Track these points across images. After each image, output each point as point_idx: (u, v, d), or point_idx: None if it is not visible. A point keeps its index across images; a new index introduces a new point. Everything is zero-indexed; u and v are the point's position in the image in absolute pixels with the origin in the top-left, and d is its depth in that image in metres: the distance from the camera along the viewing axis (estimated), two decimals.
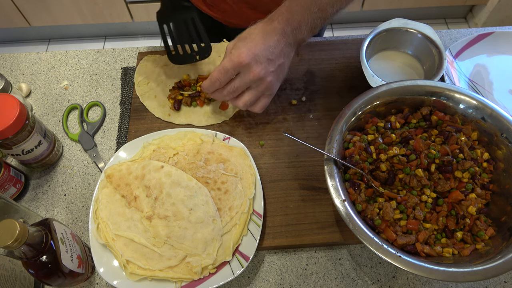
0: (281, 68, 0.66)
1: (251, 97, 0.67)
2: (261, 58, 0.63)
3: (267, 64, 0.64)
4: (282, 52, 0.65)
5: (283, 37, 0.65)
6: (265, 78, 0.64)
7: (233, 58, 0.63)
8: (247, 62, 0.62)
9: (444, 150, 0.61)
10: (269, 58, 0.64)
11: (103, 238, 0.62)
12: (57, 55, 0.88)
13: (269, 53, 0.63)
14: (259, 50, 0.63)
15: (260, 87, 0.66)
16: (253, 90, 0.66)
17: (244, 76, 0.64)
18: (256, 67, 0.63)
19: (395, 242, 0.56)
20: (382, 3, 2.10)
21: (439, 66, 0.74)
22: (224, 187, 0.66)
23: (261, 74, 0.63)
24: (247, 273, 0.64)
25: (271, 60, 0.64)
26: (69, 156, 0.75)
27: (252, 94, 0.66)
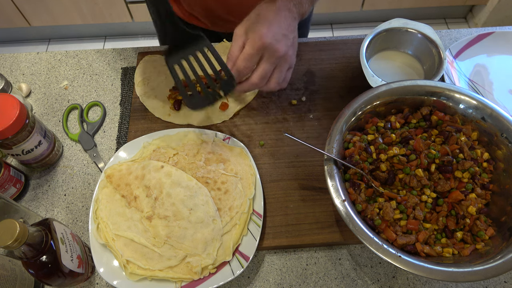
0: (294, 41, 0.69)
1: (279, 75, 0.68)
2: (279, 36, 0.65)
3: (285, 40, 0.66)
4: (291, 27, 0.68)
5: (289, 13, 0.67)
6: (287, 53, 0.67)
7: (255, 41, 0.64)
8: (269, 42, 0.64)
9: (444, 150, 0.61)
10: (284, 33, 0.66)
11: (103, 238, 0.62)
12: (57, 55, 0.88)
13: (283, 29, 0.66)
14: (274, 29, 0.65)
15: (284, 63, 0.67)
16: (279, 67, 0.68)
17: (270, 56, 0.65)
18: (279, 45, 0.65)
19: (395, 242, 0.56)
20: (382, 3, 2.10)
21: (439, 66, 0.74)
22: (224, 187, 0.66)
23: (284, 51, 0.66)
24: (247, 273, 0.64)
25: (286, 35, 0.66)
26: (69, 156, 0.75)
27: (279, 72, 0.68)
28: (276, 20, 0.66)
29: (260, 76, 0.66)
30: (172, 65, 0.67)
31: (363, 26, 2.31)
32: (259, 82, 0.66)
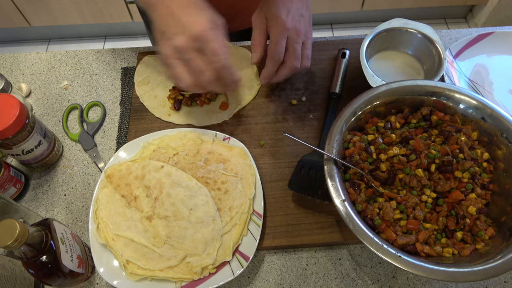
0: (310, 17, 0.74)
1: (307, 52, 0.73)
2: (297, 17, 0.70)
3: (302, 19, 0.71)
4: (306, 5, 0.73)
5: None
6: (307, 31, 0.72)
7: (278, 28, 0.69)
8: (291, 25, 0.69)
9: (444, 150, 0.61)
10: (301, 13, 0.71)
11: (103, 238, 0.62)
12: (57, 55, 0.88)
13: (299, 9, 0.71)
14: (292, 11, 0.70)
15: (308, 40, 0.73)
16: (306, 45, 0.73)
17: (296, 38, 0.70)
18: (299, 25, 0.70)
19: (395, 242, 0.56)
20: (382, 3, 2.10)
21: (439, 66, 0.74)
22: (224, 187, 0.66)
23: (305, 29, 0.71)
24: (247, 273, 0.64)
25: (303, 15, 0.72)
26: (69, 156, 0.75)
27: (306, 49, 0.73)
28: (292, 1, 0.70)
29: (294, 58, 0.71)
30: (301, 165, 0.70)
31: (363, 26, 2.31)
32: (295, 63, 0.71)
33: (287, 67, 0.72)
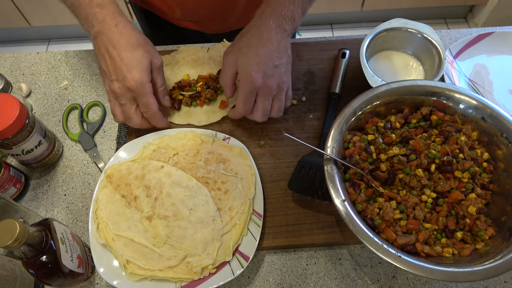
0: (288, 62, 0.69)
1: (279, 103, 0.69)
2: (270, 70, 0.64)
3: (276, 71, 0.65)
4: (284, 50, 0.66)
5: (281, 34, 0.65)
6: (281, 82, 0.67)
7: (247, 85, 0.65)
8: (261, 83, 0.64)
9: (444, 150, 0.61)
10: (275, 64, 0.65)
11: (103, 238, 0.62)
12: (57, 55, 0.88)
13: (274, 59, 0.65)
14: (265, 65, 0.64)
15: (281, 91, 0.68)
16: (278, 96, 0.69)
17: (265, 94, 0.66)
18: (270, 81, 0.65)
19: (395, 242, 0.56)
20: (382, 3, 2.10)
21: (439, 66, 0.74)
22: (224, 187, 0.66)
23: (277, 83, 0.66)
24: (247, 273, 0.64)
25: (277, 65, 0.65)
26: (69, 156, 0.75)
27: (278, 100, 0.69)
28: (267, 51, 0.64)
29: (262, 114, 0.69)
30: (301, 164, 0.70)
31: (363, 26, 2.31)
32: (262, 118, 0.69)
33: (254, 118, 0.70)
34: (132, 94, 0.65)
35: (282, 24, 0.65)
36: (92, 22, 0.63)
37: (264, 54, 0.64)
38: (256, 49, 0.64)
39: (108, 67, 0.64)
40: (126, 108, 0.66)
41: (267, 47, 0.64)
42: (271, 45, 0.64)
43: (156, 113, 0.68)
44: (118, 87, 0.64)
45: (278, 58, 0.65)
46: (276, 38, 0.64)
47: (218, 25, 0.95)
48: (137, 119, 0.68)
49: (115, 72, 0.63)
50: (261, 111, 0.68)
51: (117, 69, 0.63)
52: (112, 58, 0.63)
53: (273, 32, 0.64)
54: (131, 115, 0.67)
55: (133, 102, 0.66)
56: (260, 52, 0.64)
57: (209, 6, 0.87)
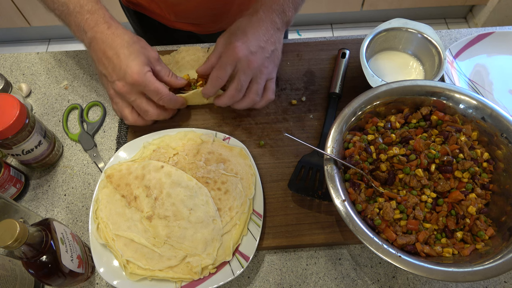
0: (275, 53, 0.69)
1: (256, 86, 0.68)
2: (255, 48, 0.66)
3: (261, 52, 0.66)
4: (272, 39, 0.68)
5: (270, 25, 0.68)
6: (263, 65, 0.67)
7: (229, 54, 0.65)
8: (243, 54, 0.64)
9: (444, 150, 0.61)
10: (261, 46, 0.66)
11: (103, 238, 0.62)
12: (57, 55, 0.88)
13: (261, 41, 0.66)
14: (250, 41, 0.65)
15: (261, 74, 0.68)
16: (256, 79, 0.68)
17: (244, 68, 0.66)
18: (253, 57, 0.65)
19: (395, 242, 0.56)
20: (382, 3, 2.10)
21: (439, 66, 0.74)
22: (224, 187, 0.66)
23: (259, 63, 0.66)
24: (247, 273, 0.64)
25: (263, 47, 0.67)
26: (69, 156, 0.75)
27: (256, 82, 0.68)
28: (255, 32, 0.66)
29: (236, 88, 0.67)
30: (301, 164, 0.70)
31: (363, 26, 2.31)
32: (235, 93, 0.67)
33: (226, 95, 0.68)
34: (138, 88, 0.64)
35: (271, 16, 0.68)
36: (84, 29, 0.64)
37: (251, 33, 0.66)
38: (244, 29, 0.67)
39: (107, 69, 0.64)
40: (138, 103, 0.66)
41: (255, 29, 0.67)
42: (259, 29, 0.67)
43: (169, 95, 0.67)
44: (122, 86, 0.64)
45: (264, 41, 0.67)
46: (265, 25, 0.67)
47: (211, 27, 0.95)
48: (153, 110, 0.67)
49: (114, 71, 0.63)
50: (236, 84, 0.66)
51: (116, 67, 0.63)
52: (109, 59, 0.63)
53: (263, 21, 0.67)
54: (146, 107, 0.66)
55: (142, 95, 0.66)
56: (248, 32, 0.66)
57: (202, 8, 0.88)
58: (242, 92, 0.67)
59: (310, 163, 0.69)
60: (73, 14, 0.64)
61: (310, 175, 0.68)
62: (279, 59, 0.71)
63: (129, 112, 0.68)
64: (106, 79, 0.66)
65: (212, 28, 0.95)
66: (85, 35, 0.64)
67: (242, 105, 0.70)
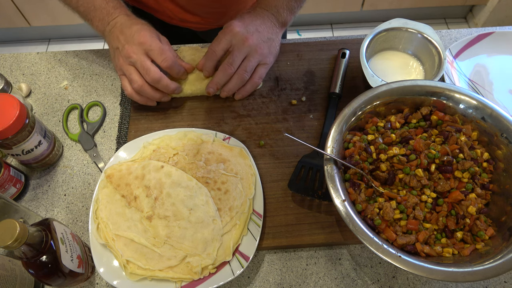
0: (271, 42, 0.74)
1: (248, 63, 0.71)
2: (251, 29, 0.70)
3: (257, 34, 0.71)
4: (269, 29, 0.73)
5: (267, 18, 0.73)
6: (258, 46, 0.71)
7: (226, 31, 0.70)
8: (238, 30, 0.69)
9: (444, 150, 0.61)
10: (258, 30, 0.71)
11: (103, 238, 0.62)
12: (57, 55, 0.88)
13: (258, 26, 0.71)
14: (248, 24, 0.70)
15: (255, 54, 0.71)
16: (249, 57, 0.71)
17: (239, 45, 0.69)
18: (249, 35, 0.69)
19: (395, 242, 0.56)
20: (382, 3, 2.10)
21: (439, 66, 0.74)
22: (224, 187, 0.66)
23: (254, 42, 0.70)
24: (247, 273, 0.64)
25: (260, 32, 0.71)
26: (69, 156, 0.75)
27: (248, 61, 0.71)
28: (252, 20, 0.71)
29: (228, 61, 0.70)
30: (301, 164, 0.70)
31: (363, 26, 2.31)
32: (227, 67, 0.70)
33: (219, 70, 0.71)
34: (144, 47, 0.67)
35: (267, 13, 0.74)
36: (108, 20, 0.71)
37: (249, 18, 0.72)
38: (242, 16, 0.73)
39: (119, 40, 0.68)
40: (141, 60, 0.67)
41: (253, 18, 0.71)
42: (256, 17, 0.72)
43: (174, 59, 0.69)
44: (129, 47, 0.67)
45: (261, 28, 0.71)
46: (262, 16, 0.73)
47: (210, 25, 0.95)
48: (155, 69, 0.68)
49: (126, 39, 0.68)
50: (229, 58, 0.70)
51: (127, 35, 0.68)
52: (123, 32, 0.68)
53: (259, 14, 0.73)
54: (148, 65, 0.67)
55: (147, 56, 0.68)
56: (246, 18, 0.72)
57: (201, 6, 0.88)
58: (233, 67, 0.71)
59: (310, 163, 0.69)
60: (98, 10, 0.71)
61: (310, 175, 0.68)
62: (277, 50, 0.74)
63: (137, 75, 0.69)
64: (118, 52, 0.70)
65: (210, 26, 0.96)
66: (108, 25, 0.70)
67: (231, 85, 0.73)
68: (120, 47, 0.69)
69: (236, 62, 0.70)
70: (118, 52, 0.70)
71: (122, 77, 0.72)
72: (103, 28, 0.71)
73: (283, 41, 0.86)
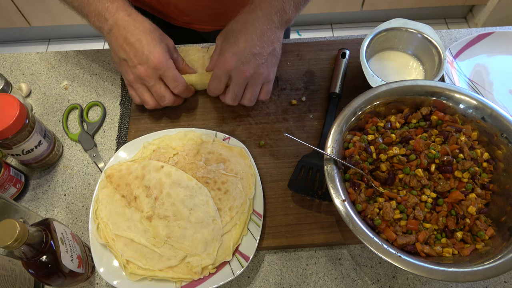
0: (272, 55, 0.69)
1: (252, 93, 0.70)
2: (247, 56, 0.65)
3: (254, 59, 0.66)
4: (268, 40, 0.67)
5: (267, 25, 0.66)
6: (257, 72, 0.67)
7: (220, 66, 0.67)
8: (234, 66, 0.65)
9: (444, 150, 0.61)
10: (254, 53, 0.65)
11: (103, 238, 0.62)
12: (57, 55, 0.88)
13: (253, 47, 0.65)
14: (242, 50, 0.65)
15: (256, 81, 0.69)
16: (252, 86, 0.69)
17: (237, 79, 0.67)
18: (244, 67, 0.65)
19: (395, 242, 0.56)
20: (382, 3, 2.10)
21: (439, 66, 0.74)
22: (224, 187, 0.66)
23: (251, 71, 0.66)
24: (247, 273, 0.64)
25: (257, 54, 0.66)
26: (69, 156, 0.75)
27: (251, 90, 0.70)
28: (249, 38, 0.65)
29: (231, 98, 0.70)
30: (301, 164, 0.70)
31: (363, 26, 2.31)
32: (231, 102, 0.70)
33: (225, 100, 0.71)
34: (158, 73, 0.66)
35: (270, 14, 0.65)
36: (105, 16, 0.66)
37: (244, 40, 0.65)
38: (238, 33, 0.66)
39: (128, 54, 0.66)
40: (156, 88, 0.68)
41: (249, 34, 0.65)
42: (253, 33, 0.65)
43: (185, 84, 0.70)
44: (143, 70, 0.66)
45: (259, 47, 0.66)
46: (261, 27, 0.65)
47: (212, 25, 0.95)
48: (170, 96, 0.69)
49: (136, 56, 0.65)
50: (231, 95, 0.69)
51: (138, 52, 0.65)
52: (131, 44, 0.65)
53: (259, 21, 0.65)
54: (163, 92, 0.68)
55: (161, 81, 0.68)
56: (240, 38, 0.65)
57: (202, 7, 0.88)
58: (237, 99, 0.70)
59: (310, 163, 0.69)
60: (93, 4, 0.66)
61: (310, 175, 0.68)
62: (278, 57, 0.71)
63: (149, 96, 0.70)
64: (126, 64, 0.67)
65: (212, 26, 0.95)
66: (106, 22, 0.66)
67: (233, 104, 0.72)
68: (129, 62, 0.66)
69: (238, 95, 0.69)
70: (127, 65, 0.67)
71: (131, 88, 0.71)
72: (101, 24, 0.67)
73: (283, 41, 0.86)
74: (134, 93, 0.71)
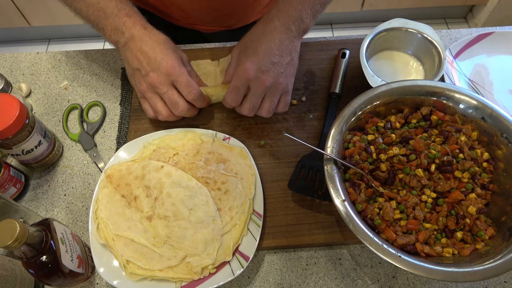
0: (290, 65, 0.67)
1: (270, 103, 0.68)
2: (266, 66, 0.64)
3: (274, 68, 0.65)
4: (287, 50, 0.66)
5: (285, 34, 0.65)
6: (277, 82, 0.66)
7: (240, 75, 0.65)
8: (253, 76, 0.64)
9: (444, 150, 0.61)
10: (274, 62, 0.64)
11: (103, 238, 0.62)
12: (57, 55, 0.88)
13: (272, 56, 0.64)
14: (261, 60, 0.64)
15: (275, 91, 0.67)
16: (270, 96, 0.68)
17: (256, 89, 0.66)
18: (264, 76, 0.64)
19: (395, 242, 0.56)
20: (382, 3, 2.10)
21: (439, 66, 0.74)
22: (224, 187, 0.66)
23: (271, 81, 0.65)
24: (247, 273, 0.64)
25: (277, 63, 0.65)
26: (69, 156, 0.75)
27: (270, 100, 0.68)
28: (267, 48, 0.64)
29: (248, 109, 0.68)
30: (301, 164, 0.70)
31: (363, 26, 2.31)
32: (248, 113, 0.69)
33: (241, 111, 0.69)
34: (171, 79, 0.65)
35: (287, 23, 0.65)
36: (122, 30, 0.66)
37: (263, 49, 0.64)
38: (256, 43, 0.65)
39: (141, 63, 0.65)
40: (169, 94, 0.66)
41: (268, 43, 0.64)
42: (272, 42, 0.64)
43: (199, 91, 0.68)
44: (156, 76, 0.65)
45: (278, 56, 0.65)
46: (279, 36, 0.65)
47: (217, 26, 0.95)
48: (183, 103, 0.67)
49: (149, 64, 0.65)
50: (249, 105, 0.67)
51: (151, 60, 0.64)
52: (145, 53, 0.65)
53: (277, 31, 0.65)
54: (176, 99, 0.66)
55: (174, 88, 0.66)
56: (259, 47, 0.64)
57: (207, 9, 0.88)
58: (254, 110, 0.69)
59: (310, 163, 0.69)
60: (110, 18, 0.66)
61: (310, 175, 0.68)
62: (296, 68, 0.69)
63: (162, 106, 0.68)
64: (139, 73, 0.67)
65: (216, 27, 0.95)
66: (122, 36, 0.66)
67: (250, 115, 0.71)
68: (142, 71, 0.66)
69: (256, 106, 0.68)
70: (140, 74, 0.67)
71: (143, 99, 0.70)
72: (117, 38, 0.67)
73: None
74: (147, 104, 0.69)
